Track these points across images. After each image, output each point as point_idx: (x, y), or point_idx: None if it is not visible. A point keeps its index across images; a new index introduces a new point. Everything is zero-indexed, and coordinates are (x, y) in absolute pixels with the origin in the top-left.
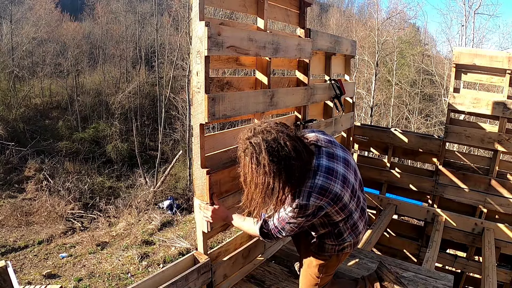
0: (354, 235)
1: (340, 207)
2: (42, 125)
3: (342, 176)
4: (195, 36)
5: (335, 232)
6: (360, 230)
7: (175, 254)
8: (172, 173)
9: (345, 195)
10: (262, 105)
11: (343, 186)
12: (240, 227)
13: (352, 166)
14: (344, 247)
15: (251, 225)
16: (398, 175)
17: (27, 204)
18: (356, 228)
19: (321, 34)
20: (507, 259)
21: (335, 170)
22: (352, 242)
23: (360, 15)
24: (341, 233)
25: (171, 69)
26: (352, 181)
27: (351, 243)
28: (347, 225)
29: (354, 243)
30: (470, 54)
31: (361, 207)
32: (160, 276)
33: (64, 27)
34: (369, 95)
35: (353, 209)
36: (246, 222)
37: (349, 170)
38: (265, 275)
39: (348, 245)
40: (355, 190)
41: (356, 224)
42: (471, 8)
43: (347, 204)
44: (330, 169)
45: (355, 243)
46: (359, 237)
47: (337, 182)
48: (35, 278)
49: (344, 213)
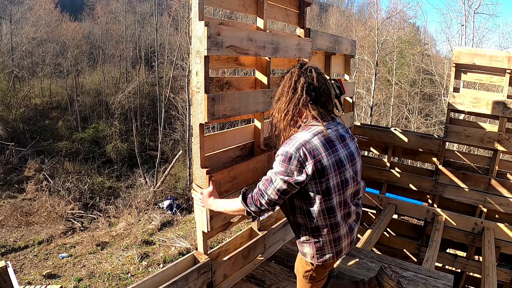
0: (332, 239)
1: (323, 189)
2: (42, 125)
3: (339, 159)
4: (195, 36)
5: (311, 227)
6: (341, 234)
7: (175, 254)
8: (172, 173)
9: (332, 178)
10: (262, 105)
11: (334, 168)
12: (224, 210)
13: (355, 164)
14: (324, 257)
15: (232, 203)
16: (398, 175)
17: (27, 204)
18: (336, 231)
19: (321, 33)
20: (507, 259)
21: (336, 148)
22: (333, 250)
23: (360, 15)
24: (317, 228)
25: (171, 69)
26: (347, 175)
27: (331, 250)
28: (325, 222)
29: (337, 252)
30: (470, 54)
31: (348, 211)
32: (160, 276)
33: (64, 27)
34: (369, 95)
35: (335, 204)
36: (228, 202)
37: (349, 164)
38: (265, 275)
39: (327, 252)
40: (347, 185)
41: (338, 227)
42: (470, 7)
43: (331, 191)
44: (330, 142)
45: (337, 252)
46: (341, 245)
47: (330, 158)
48: (35, 278)
49: (325, 202)
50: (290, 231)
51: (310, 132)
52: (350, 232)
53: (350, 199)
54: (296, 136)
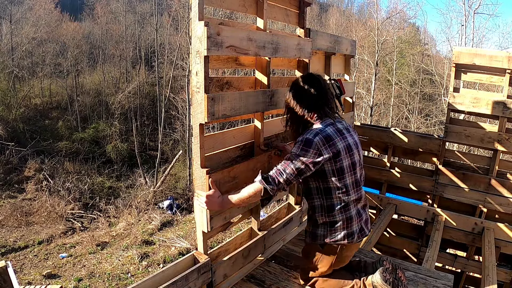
0: (345, 218)
1: (337, 168)
2: (42, 125)
3: (348, 144)
4: (195, 36)
5: (326, 205)
6: (352, 214)
7: (175, 254)
8: (172, 173)
9: (345, 159)
10: (262, 105)
11: (345, 151)
12: (239, 199)
13: (359, 150)
14: (335, 236)
15: (249, 187)
16: (398, 175)
17: (27, 204)
18: (348, 210)
19: (321, 33)
20: (507, 259)
21: (345, 135)
22: (345, 231)
23: (360, 15)
24: (332, 206)
25: (171, 69)
26: (355, 158)
27: (343, 230)
28: (339, 199)
29: (348, 234)
30: (470, 54)
31: (359, 195)
32: (160, 276)
33: (64, 27)
34: (369, 95)
35: (349, 183)
36: (243, 190)
37: (356, 149)
38: (265, 275)
39: (339, 231)
40: (356, 167)
41: (349, 206)
42: (470, 7)
43: (344, 171)
44: (340, 131)
45: (349, 234)
46: (352, 226)
47: (342, 143)
48: (35, 278)
49: (340, 180)
50: (290, 231)
51: (324, 124)
52: (359, 216)
53: (361, 179)
54: (313, 127)
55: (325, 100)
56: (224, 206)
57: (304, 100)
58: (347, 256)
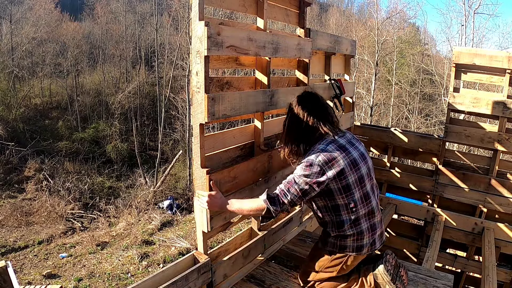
0: (355, 233)
1: (343, 185)
2: (42, 125)
3: (353, 159)
4: (195, 36)
5: (336, 222)
6: (363, 229)
7: (175, 254)
8: (172, 173)
9: (350, 176)
10: (262, 105)
11: (349, 167)
12: (239, 208)
13: (366, 161)
14: (345, 247)
15: (252, 202)
16: (398, 175)
17: (27, 204)
18: (358, 225)
19: (321, 33)
20: (507, 259)
21: (348, 150)
22: (355, 244)
23: (360, 15)
24: (342, 222)
25: (171, 69)
26: (363, 171)
27: (354, 242)
28: (348, 215)
29: (358, 246)
30: (470, 54)
31: (370, 207)
32: (160, 276)
33: (64, 27)
34: (369, 95)
35: (357, 199)
36: (246, 201)
37: (363, 162)
38: (265, 275)
39: (350, 243)
40: (364, 180)
41: (359, 221)
42: (470, 7)
43: (351, 187)
44: (343, 147)
45: (358, 247)
46: (363, 240)
47: (345, 160)
48: (35, 278)
49: (347, 197)
50: (290, 231)
51: (324, 143)
52: (372, 230)
53: (372, 193)
54: (314, 147)
55: (324, 118)
56: (223, 208)
57: (301, 122)
58: (353, 265)
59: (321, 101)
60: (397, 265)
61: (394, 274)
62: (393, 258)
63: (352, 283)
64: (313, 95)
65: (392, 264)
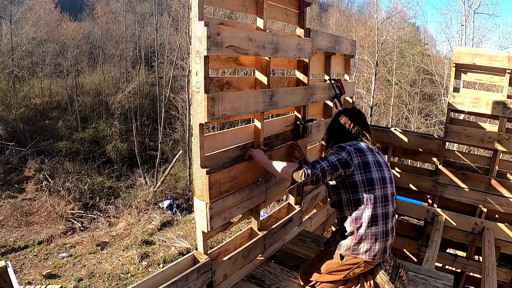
0: (370, 232)
1: (368, 178)
2: (42, 125)
3: (378, 160)
4: (195, 36)
5: (355, 217)
6: (379, 231)
7: (175, 254)
8: (172, 173)
9: (374, 172)
10: (262, 105)
11: (375, 164)
12: (275, 166)
13: (389, 170)
14: (359, 249)
15: (289, 166)
16: (398, 175)
17: (27, 204)
18: (375, 225)
19: (321, 33)
20: (507, 259)
21: (375, 153)
22: (369, 246)
23: (360, 15)
24: (360, 217)
25: (171, 69)
26: (386, 174)
27: (367, 244)
28: (367, 212)
29: (370, 250)
30: (470, 54)
31: (387, 210)
32: (160, 276)
33: (64, 27)
34: (369, 95)
35: (378, 196)
36: (282, 162)
37: (386, 168)
38: (265, 275)
39: (364, 244)
40: (386, 183)
41: (377, 222)
42: (470, 7)
43: (374, 182)
44: (371, 149)
45: (371, 251)
46: (376, 243)
47: (372, 157)
48: (35, 278)
49: (368, 190)
50: (290, 231)
51: (357, 141)
52: (385, 236)
53: (391, 200)
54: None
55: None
56: (264, 161)
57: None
58: (358, 273)
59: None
60: (396, 266)
61: (393, 274)
62: (391, 258)
63: (352, 283)
64: (358, 110)
65: (391, 264)
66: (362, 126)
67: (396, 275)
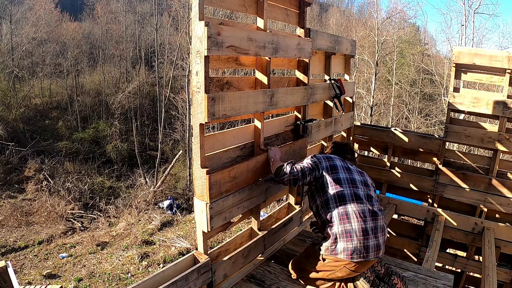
0: (344, 230)
1: (334, 178)
2: (42, 125)
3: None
4: (195, 36)
5: (328, 218)
6: (354, 228)
7: (175, 254)
8: (172, 173)
9: (341, 173)
10: (262, 105)
11: (343, 169)
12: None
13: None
14: (335, 249)
15: (279, 163)
16: (398, 175)
17: (27, 204)
18: (348, 222)
19: (321, 33)
20: (507, 259)
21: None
22: (346, 246)
23: (360, 15)
24: (331, 217)
25: (171, 69)
26: (356, 177)
27: (342, 242)
28: (337, 209)
29: (347, 248)
30: (470, 54)
31: (362, 210)
32: (160, 276)
33: (64, 27)
34: (369, 95)
35: (347, 194)
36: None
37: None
38: (265, 275)
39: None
40: (356, 183)
41: (349, 219)
42: (471, 7)
43: (341, 182)
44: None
45: (347, 249)
46: (352, 241)
47: (341, 163)
48: (35, 278)
49: (336, 188)
50: (290, 231)
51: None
52: (365, 234)
53: (365, 197)
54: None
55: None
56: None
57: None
58: (341, 277)
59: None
60: (388, 273)
61: (380, 279)
62: (382, 265)
63: (334, 285)
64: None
65: (380, 271)
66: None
67: (382, 282)
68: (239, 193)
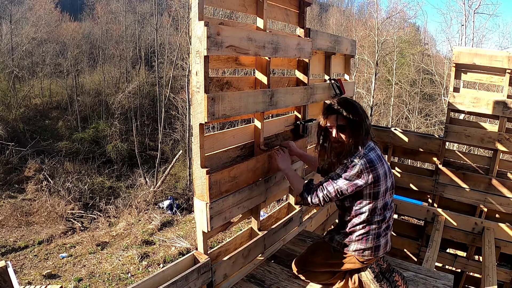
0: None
1: (374, 192)
2: (42, 125)
3: (387, 169)
4: (195, 36)
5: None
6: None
7: (175, 254)
8: (172, 173)
9: (382, 185)
10: (262, 105)
11: (384, 176)
12: (291, 177)
13: (392, 177)
14: (349, 246)
15: (298, 180)
16: (398, 175)
17: (27, 204)
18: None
19: (321, 33)
20: (507, 259)
21: (384, 161)
22: (359, 247)
23: (360, 15)
24: (357, 222)
25: (171, 69)
26: (389, 184)
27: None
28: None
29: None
30: (470, 54)
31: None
32: (160, 276)
33: (64, 27)
34: (369, 95)
35: (379, 207)
36: (296, 177)
37: (389, 174)
38: (265, 275)
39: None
40: (387, 190)
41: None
42: (470, 7)
43: (379, 195)
44: (380, 157)
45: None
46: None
47: (382, 169)
48: (35, 278)
49: (372, 203)
50: (290, 231)
51: (367, 149)
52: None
53: (390, 205)
54: (358, 151)
55: (366, 125)
56: (285, 172)
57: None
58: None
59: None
60: (390, 270)
61: (381, 275)
62: (385, 261)
63: (337, 279)
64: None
65: (383, 266)
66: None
67: (387, 279)
68: (239, 193)
